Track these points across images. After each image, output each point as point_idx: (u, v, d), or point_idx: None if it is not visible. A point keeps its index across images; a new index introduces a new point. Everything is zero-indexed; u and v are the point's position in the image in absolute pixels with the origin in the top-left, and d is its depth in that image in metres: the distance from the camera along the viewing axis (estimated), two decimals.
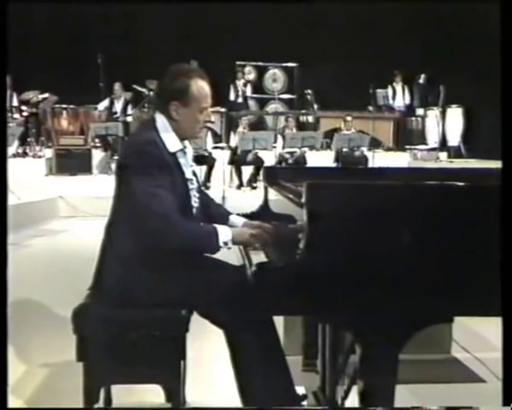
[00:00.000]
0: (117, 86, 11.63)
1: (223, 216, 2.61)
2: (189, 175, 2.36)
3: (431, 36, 11.88)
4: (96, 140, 11.34)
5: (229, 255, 2.44)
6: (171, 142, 2.31)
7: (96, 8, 11.87)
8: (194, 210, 2.37)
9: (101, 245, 2.35)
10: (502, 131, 1.83)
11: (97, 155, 11.08)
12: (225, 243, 2.23)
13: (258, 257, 2.22)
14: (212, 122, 11.53)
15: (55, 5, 11.62)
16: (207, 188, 9.60)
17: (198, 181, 2.47)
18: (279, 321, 2.59)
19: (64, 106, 11.57)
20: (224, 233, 2.23)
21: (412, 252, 1.89)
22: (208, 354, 3.32)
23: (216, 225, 2.26)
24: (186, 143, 2.41)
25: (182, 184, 2.30)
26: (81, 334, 2.24)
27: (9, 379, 1.97)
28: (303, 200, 1.94)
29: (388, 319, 1.90)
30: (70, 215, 8.84)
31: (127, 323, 2.22)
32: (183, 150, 2.35)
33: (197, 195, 2.41)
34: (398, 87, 13.23)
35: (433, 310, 1.93)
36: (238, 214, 2.80)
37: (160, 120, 2.32)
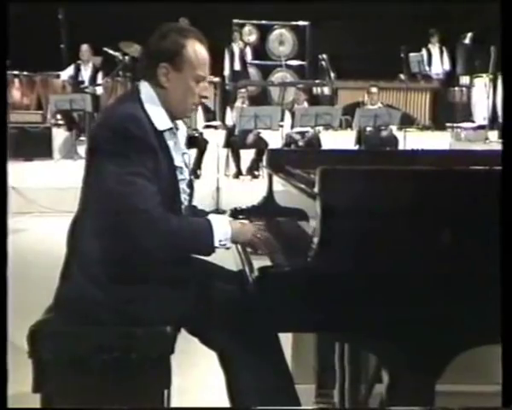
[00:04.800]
0: (84, 49, 11.63)
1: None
2: (178, 162, 2.35)
3: None
4: (58, 116, 11.35)
5: (226, 258, 2.45)
6: (159, 118, 2.30)
7: None
8: (182, 208, 2.37)
9: (66, 248, 2.36)
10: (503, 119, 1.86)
11: (59, 136, 11.09)
12: (222, 244, 2.24)
13: (261, 260, 2.23)
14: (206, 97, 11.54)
15: None
16: (197, 177, 9.62)
17: (190, 173, 2.47)
18: (286, 340, 2.60)
19: (16, 72, 11.56)
20: (220, 230, 2.24)
21: (452, 255, 1.91)
22: (198, 381, 3.33)
23: (211, 219, 2.27)
24: (179, 122, 2.41)
25: (168, 173, 2.29)
26: (39, 358, 2.24)
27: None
28: (316, 190, 1.95)
29: (423, 338, 1.92)
30: (25, 211, 8.83)
31: (97, 343, 2.23)
32: (172, 130, 2.35)
33: (187, 190, 2.41)
34: (436, 49, 13.22)
35: (478, 328, 1.95)
36: (237, 210, 2.81)
37: (146, 90, 2.32)
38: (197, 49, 2.32)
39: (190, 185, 2.45)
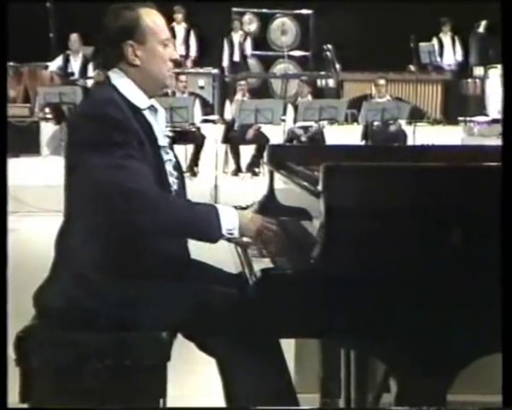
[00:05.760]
0: (73, 39, 11.62)
1: None
2: (162, 142, 2.38)
3: None
4: (47, 110, 11.34)
5: (224, 260, 2.45)
6: (137, 97, 2.34)
7: None
8: (173, 192, 2.37)
9: (55, 250, 2.36)
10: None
11: (48, 130, 11.09)
12: (230, 233, 2.22)
13: (261, 262, 2.23)
14: (202, 87, 11.53)
15: None
16: (194, 174, 9.62)
17: (176, 156, 2.48)
18: (288, 346, 2.60)
19: None
20: (227, 216, 2.23)
21: (464, 256, 1.91)
22: (195, 389, 3.34)
23: (218, 207, 2.26)
24: (153, 102, 2.43)
25: (153, 154, 2.31)
26: (26, 366, 2.24)
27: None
28: (320, 188, 1.95)
29: (434, 344, 1.92)
30: (12, 211, 8.81)
31: (89, 350, 2.23)
32: (153, 107, 2.39)
33: (174, 173, 2.42)
34: (447, 39, 13.22)
35: (493, 334, 1.93)
36: (237, 209, 2.82)
37: (116, 75, 2.36)
38: (152, 16, 2.38)
39: (177, 168, 2.46)
